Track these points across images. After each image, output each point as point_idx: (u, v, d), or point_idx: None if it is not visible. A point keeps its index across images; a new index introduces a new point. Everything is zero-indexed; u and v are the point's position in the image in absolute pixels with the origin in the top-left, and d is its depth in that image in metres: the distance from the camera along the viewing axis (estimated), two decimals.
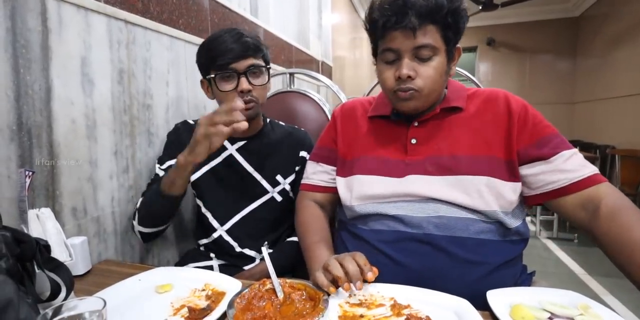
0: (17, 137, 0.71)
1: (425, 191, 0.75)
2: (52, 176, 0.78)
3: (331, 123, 0.95)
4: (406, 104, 0.76)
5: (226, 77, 0.89)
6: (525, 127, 0.74)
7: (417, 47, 0.71)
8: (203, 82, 0.96)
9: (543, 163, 0.72)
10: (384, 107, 0.86)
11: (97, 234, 0.89)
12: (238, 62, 0.88)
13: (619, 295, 2.18)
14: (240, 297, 0.60)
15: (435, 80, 0.74)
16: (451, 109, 0.80)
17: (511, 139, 0.74)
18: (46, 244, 0.58)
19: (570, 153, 0.72)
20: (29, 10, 0.73)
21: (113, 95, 0.92)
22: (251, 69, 0.90)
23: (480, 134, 0.77)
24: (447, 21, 0.71)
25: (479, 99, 0.81)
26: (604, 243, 0.65)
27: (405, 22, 0.69)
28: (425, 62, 0.73)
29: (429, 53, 0.72)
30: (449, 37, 0.73)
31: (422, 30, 0.70)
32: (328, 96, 2.95)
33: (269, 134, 1.04)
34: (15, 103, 0.71)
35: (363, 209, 0.80)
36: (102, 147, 0.89)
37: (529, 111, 0.76)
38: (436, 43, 0.72)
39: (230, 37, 0.88)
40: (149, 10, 1.04)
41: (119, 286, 0.67)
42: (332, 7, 3.29)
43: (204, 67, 0.93)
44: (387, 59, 0.76)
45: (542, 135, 0.74)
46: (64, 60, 0.80)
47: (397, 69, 0.74)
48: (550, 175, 0.72)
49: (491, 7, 4.48)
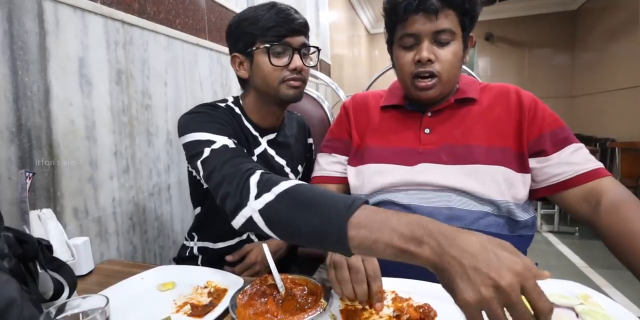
0: (16, 139, 0.71)
1: (439, 180, 0.75)
2: (52, 177, 0.78)
3: (342, 114, 0.95)
4: (425, 93, 0.78)
5: (279, 52, 0.80)
6: (535, 120, 0.76)
7: (437, 31, 0.74)
8: (236, 57, 0.85)
9: (550, 155, 0.74)
10: (397, 97, 0.88)
11: (99, 234, 0.89)
12: (293, 37, 0.80)
13: (620, 287, 2.19)
14: (242, 293, 0.60)
15: (454, 65, 0.76)
16: (465, 100, 0.81)
17: (522, 131, 0.76)
18: (48, 244, 0.59)
19: (577, 146, 0.74)
20: (26, 12, 0.73)
21: (111, 96, 0.92)
22: (304, 47, 0.82)
23: (493, 125, 0.78)
24: (465, 7, 0.74)
25: (491, 92, 0.83)
26: (605, 235, 0.66)
27: (428, 5, 0.71)
28: (444, 47, 0.75)
29: (448, 37, 0.74)
30: (465, 24, 0.76)
31: (443, 13, 0.73)
32: (327, 94, 2.96)
33: (287, 124, 0.98)
34: (14, 105, 0.71)
35: (373, 198, 0.81)
36: (101, 147, 0.90)
37: (539, 105, 0.78)
38: (455, 28, 0.75)
39: (283, 9, 0.80)
40: (146, 11, 1.04)
41: (122, 285, 0.67)
42: (330, 5, 3.28)
43: (245, 38, 0.81)
44: (406, 44, 0.78)
45: (552, 128, 0.75)
46: (61, 62, 0.80)
47: (417, 53, 0.76)
48: (555, 167, 0.73)
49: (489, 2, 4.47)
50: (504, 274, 0.35)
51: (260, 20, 0.78)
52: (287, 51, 0.80)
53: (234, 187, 0.57)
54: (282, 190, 0.52)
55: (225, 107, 0.84)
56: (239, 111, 0.87)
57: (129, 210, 0.98)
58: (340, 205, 0.46)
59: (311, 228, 0.47)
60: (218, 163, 0.63)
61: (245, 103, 0.89)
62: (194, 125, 0.74)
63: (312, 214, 0.47)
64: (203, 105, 0.82)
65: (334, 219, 0.45)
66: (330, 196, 0.49)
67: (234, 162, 0.62)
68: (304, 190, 0.52)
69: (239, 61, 0.85)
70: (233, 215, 0.55)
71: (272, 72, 0.80)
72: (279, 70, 0.80)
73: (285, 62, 0.80)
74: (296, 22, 0.80)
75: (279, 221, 0.51)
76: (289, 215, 0.50)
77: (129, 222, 0.98)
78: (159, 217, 1.10)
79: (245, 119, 0.87)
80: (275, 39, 0.78)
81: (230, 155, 0.65)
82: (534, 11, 5.53)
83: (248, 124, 0.87)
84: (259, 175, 0.57)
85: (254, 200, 0.53)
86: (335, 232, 0.44)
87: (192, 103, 1.23)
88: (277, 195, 0.52)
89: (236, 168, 0.60)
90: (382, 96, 0.92)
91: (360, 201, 0.46)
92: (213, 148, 0.67)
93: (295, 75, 0.81)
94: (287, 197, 0.51)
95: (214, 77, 1.37)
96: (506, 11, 5.52)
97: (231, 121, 0.81)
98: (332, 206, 0.46)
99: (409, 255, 0.41)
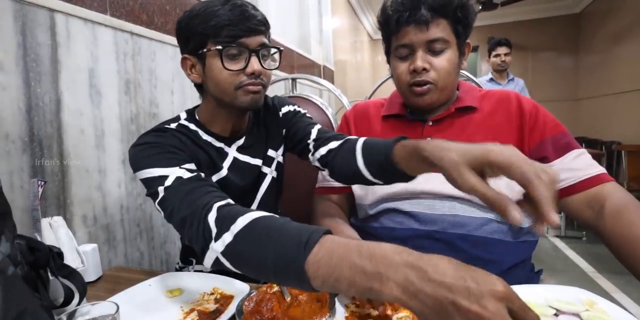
0: (29, 148, 0.73)
1: (442, 188, 0.76)
2: (62, 185, 0.80)
3: (343, 124, 0.96)
4: (422, 98, 0.79)
5: (234, 54, 0.70)
6: (536, 127, 0.76)
7: (430, 40, 0.75)
8: (187, 59, 0.74)
9: (552, 162, 0.74)
10: (398, 107, 0.88)
11: (106, 241, 0.91)
12: (249, 37, 0.70)
13: (629, 293, 2.16)
14: (248, 299, 0.61)
15: (449, 72, 0.77)
16: (465, 108, 0.82)
17: (523, 138, 0.76)
18: (59, 252, 0.60)
19: (579, 152, 0.74)
20: (39, 25, 0.75)
21: (120, 105, 0.94)
22: (263, 48, 0.72)
23: (494, 133, 0.78)
24: (457, 15, 0.75)
25: (492, 99, 0.83)
26: (609, 240, 0.66)
27: (418, 16, 0.73)
28: (439, 55, 0.77)
29: (441, 46, 0.76)
30: (459, 32, 0.77)
31: (434, 23, 0.74)
32: (330, 100, 2.97)
33: (254, 121, 0.86)
34: (27, 115, 0.73)
35: (377, 206, 0.81)
36: (110, 156, 0.91)
37: (540, 111, 0.78)
38: (448, 36, 0.76)
39: (239, 4, 0.70)
40: (154, 22, 1.06)
41: (130, 291, 0.68)
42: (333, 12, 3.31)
43: (196, 39, 0.71)
44: (401, 55, 0.79)
45: (553, 134, 0.75)
46: (72, 73, 0.82)
47: (412, 62, 0.77)
48: (559, 173, 0.73)
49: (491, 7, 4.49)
50: (486, 303, 0.32)
51: (211, 18, 0.68)
52: (243, 53, 0.70)
53: (194, 229, 0.54)
54: (239, 229, 0.49)
55: (175, 128, 0.74)
56: (194, 127, 0.77)
57: (136, 217, 1.00)
58: (295, 243, 0.43)
59: (272, 268, 0.44)
60: (175, 203, 0.59)
61: (202, 114, 0.79)
62: (143, 161, 0.66)
63: (269, 253, 0.45)
64: (149, 132, 0.72)
65: (291, 259, 0.42)
66: (288, 232, 0.45)
67: (189, 199, 0.58)
68: (261, 226, 0.49)
69: (190, 64, 0.74)
70: (202, 257, 0.53)
71: (226, 77, 0.70)
72: (234, 75, 0.70)
73: (242, 66, 0.70)
74: (253, 20, 0.69)
75: (241, 262, 0.49)
76: (249, 257, 0.47)
77: (136, 229, 1.00)
78: (165, 224, 1.11)
79: (204, 132, 0.77)
80: (228, 39, 0.68)
81: (186, 191, 0.59)
82: (537, 15, 5.53)
83: (209, 137, 0.78)
84: (215, 211, 0.53)
85: (214, 242, 0.51)
86: (294, 273, 0.42)
87: None
88: (235, 235, 0.49)
89: (192, 207, 0.56)
90: (383, 105, 0.93)
91: (318, 234, 0.43)
92: (166, 185, 0.61)
93: (252, 80, 0.71)
94: (245, 237, 0.49)
95: None
96: (509, 15, 5.53)
97: (183, 144, 0.71)
98: (288, 245, 0.44)
99: (375, 294, 0.37)
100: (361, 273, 0.37)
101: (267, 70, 0.73)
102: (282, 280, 0.46)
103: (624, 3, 4.05)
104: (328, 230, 0.44)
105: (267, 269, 0.45)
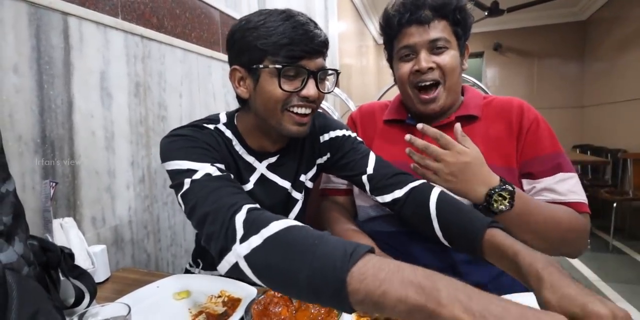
0: (41, 150, 0.74)
1: None
2: (73, 187, 0.81)
3: (350, 125, 0.96)
4: (432, 106, 0.79)
5: (292, 75, 0.66)
6: (534, 142, 0.76)
7: (432, 40, 0.77)
8: (237, 71, 0.70)
9: (537, 180, 0.75)
10: (399, 111, 0.88)
11: (115, 243, 0.91)
12: (310, 59, 0.65)
13: (635, 302, 2.14)
14: (256, 303, 0.61)
15: (454, 69, 0.78)
16: (466, 117, 0.81)
17: (518, 149, 0.77)
18: (70, 253, 0.60)
19: (567, 176, 0.74)
20: (52, 28, 0.77)
21: (130, 108, 0.95)
22: (322, 72, 0.68)
23: (495, 144, 0.78)
24: (456, 17, 0.77)
25: (495, 108, 0.83)
26: None
27: (420, 16, 0.75)
28: (442, 54, 0.78)
29: (443, 44, 0.77)
30: (458, 33, 0.79)
31: (435, 23, 0.77)
32: (336, 104, 2.98)
33: (297, 140, 0.81)
34: (40, 117, 0.74)
35: (378, 211, 0.81)
36: (119, 158, 0.92)
37: (540, 126, 0.78)
38: (449, 36, 0.78)
39: (302, 23, 0.65)
40: (164, 25, 1.07)
41: (138, 293, 0.69)
42: (339, 16, 3.33)
43: (251, 53, 0.66)
44: (404, 56, 0.80)
45: (547, 153, 0.75)
46: (84, 75, 0.83)
47: (416, 63, 0.78)
48: (539, 192, 0.74)
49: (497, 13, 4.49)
50: None
51: (272, 34, 0.63)
52: (301, 74, 0.66)
53: (217, 226, 0.49)
54: (271, 234, 0.44)
55: (213, 129, 0.72)
56: (230, 135, 0.74)
57: (144, 219, 1.00)
58: (339, 253, 0.38)
59: (305, 279, 0.39)
60: (200, 197, 0.55)
61: (241, 125, 0.76)
62: (175, 152, 0.63)
63: (305, 262, 0.40)
64: (187, 126, 0.71)
65: (331, 269, 0.37)
66: (328, 242, 0.41)
67: (216, 195, 0.54)
68: (297, 234, 0.44)
69: (239, 76, 0.70)
70: (218, 260, 0.48)
71: (278, 96, 0.66)
72: (286, 95, 0.66)
73: (297, 87, 0.66)
74: (316, 41, 0.65)
75: (266, 270, 0.44)
76: (278, 264, 0.42)
77: (143, 230, 1.00)
78: (172, 226, 1.12)
79: (239, 142, 0.75)
80: (288, 60, 0.64)
81: (213, 188, 0.56)
82: (543, 21, 5.53)
83: (241, 148, 0.75)
84: (245, 212, 0.49)
85: (239, 244, 0.45)
86: (333, 285, 0.37)
87: (206, 114, 1.26)
88: (266, 240, 0.44)
89: (219, 203, 0.52)
90: (388, 107, 0.93)
91: (365, 249, 0.39)
92: (194, 178, 0.58)
93: (302, 103, 0.67)
94: (277, 242, 0.44)
95: (227, 88, 1.41)
96: (515, 21, 5.53)
97: (217, 145, 0.69)
98: (330, 254, 0.39)
99: (428, 313, 0.32)
100: (418, 287, 0.33)
101: (322, 93, 0.70)
102: (314, 295, 0.40)
103: (630, 11, 4.05)
104: (372, 248, 0.40)
105: (297, 281, 0.40)
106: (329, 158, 0.83)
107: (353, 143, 0.82)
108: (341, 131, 0.83)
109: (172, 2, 1.10)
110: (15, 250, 0.48)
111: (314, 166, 0.84)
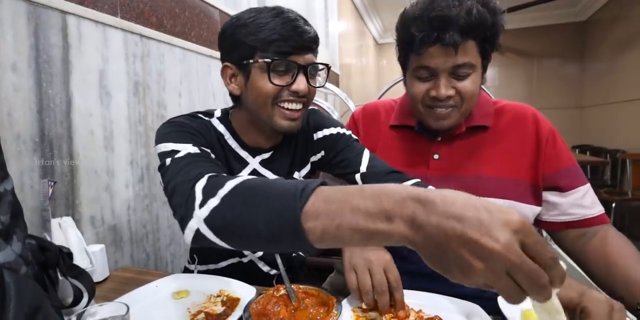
0: (39, 149, 0.74)
1: None
2: (71, 186, 0.80)
3: (351, 125, 0.92)
4: (443, 122, 0.75)
5: (282, 70, 0.66)
6: (553, 154, 0.75)
7: (457, 66, 0.69)
8: (228, 68, 0.71)
9: (563, 194, 0.75)
10: (407, 117, 0.84)
11: (114, 242, 0.91)
12: (299, 54, 0.66)
13: None
14: (255, 302, 0.61)
15: (474, 95, 0.73)
16: (477, 127, 0.79)
17: (538, 163, 0.75)
18: (69, 252, 0.60)
19: (587, 188, 0.75)
20: (51, 27, 0.76)
21: (129, 107, 0.95)
22: (312, 66, 0.69)
23: (507, 155, 0.76)
24: (487, 35, 0.69)
25: (507, 116, 0.80)
26: (586, 260, 0.73)
27: (446, 38, 0.66)
28: (463, 80, 0.71)
29: (467, 71, 0.70)
30: (486, 51, 0.72)
31: (463, 46, 0.68)
32: (336, 103, 2.98)
33: (292, 137, 0.82)
34: (38, 116, 0.74)
35: None
36: (118, 157, 0.92)
37: (557, 138, 0.77)
38: (475, 60, 0.70)
39: (291, 19, 0.66)
40: (163, 24, 1.07)
41: (137, 292, 0.69)
42: (339, 15, 3.33)
43: (241, 49, 0.67)
44: (421, 75, 0.73)
45: (567, 165, 0.75)
46: (83, 74, 0.83)
47: (434, 87, 0.71)
48: (569, 207, 0.75)
49: None
50: (497, 234, 0.28)
51: (261, 31, 0.64)
52: (291, 69, 0.67)
53: (180, 198, 0.49)
54: (227, 192, 0.44)
55: (206, 121, 0.74)
56: (223, 129, 0.76)
57: (143, 218, 1.00)
58: (289, 194, 0.37)
59: (262, 228, 0.39)
60: (173, 173, 0.55)
61: (235, 121, 0.77)
62: (164, 136, 0.65)
63: (260, 211, 0.39)
64: (180, 115, 0.73)
65: (285, 211, 0.37)
66: (280, 186, 0.40)
67: (186, 169, 0.54)
68: (251, 184, 0.43)
69: (230, 73, 0.71)
70: (182, 230, 0.47)
71: (269, 90, 0.67)
72: (277, 89, 0.67)
73: (287, 81, 0.67)
74: (305, 37, 0.66)
75: (225, 227, 0.43)
76: (236, 219, 0.41)
77: (142, 230, 1.00)
78: (171, 226, 1.12)
79: (232, 137, 0.76)
80: (277, 55, 0.65)
81: (186, 162, 0.57)
82: (543, 22, 5.53)
83: (235, 142, 0.76)
84: (205, 179, 0.49)
85: (198, 209, 0.45)
86: (291, 229, 0.36)
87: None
88: (222, 198, 0.44)
89: (185, 176, 0.52)
90: (393, 108, 0.89)
91: (315, 184, 0.38)
92: (175, 157, 0.59)
93: (293, 98, 0.68)
94: (233, 198, 0.43)
95: None
96: (515, 22, 5.53)
97: (207, 134, 0.71)
98: (281, 197, 0.38)
99: (382, 236, 0.33)
100: (365, 215, 0.33)
101: (312, 87, 0.70)
102: (277, 242, 0.39)
103: (630, 12, 4.05)
104: (323, 181, 0.39)
105: (258, 230, 0.39)
106: (323, 156, 0.83)
107: (347, 141, 0.81)
108: (335, 129, 0.82)
109: (171, 1, 1.10)
110: (13, 250, 0.47)
111: (308, 163, 0.84)
